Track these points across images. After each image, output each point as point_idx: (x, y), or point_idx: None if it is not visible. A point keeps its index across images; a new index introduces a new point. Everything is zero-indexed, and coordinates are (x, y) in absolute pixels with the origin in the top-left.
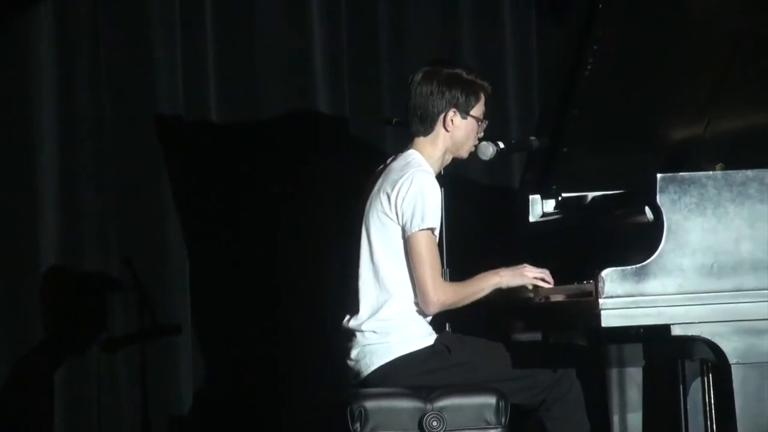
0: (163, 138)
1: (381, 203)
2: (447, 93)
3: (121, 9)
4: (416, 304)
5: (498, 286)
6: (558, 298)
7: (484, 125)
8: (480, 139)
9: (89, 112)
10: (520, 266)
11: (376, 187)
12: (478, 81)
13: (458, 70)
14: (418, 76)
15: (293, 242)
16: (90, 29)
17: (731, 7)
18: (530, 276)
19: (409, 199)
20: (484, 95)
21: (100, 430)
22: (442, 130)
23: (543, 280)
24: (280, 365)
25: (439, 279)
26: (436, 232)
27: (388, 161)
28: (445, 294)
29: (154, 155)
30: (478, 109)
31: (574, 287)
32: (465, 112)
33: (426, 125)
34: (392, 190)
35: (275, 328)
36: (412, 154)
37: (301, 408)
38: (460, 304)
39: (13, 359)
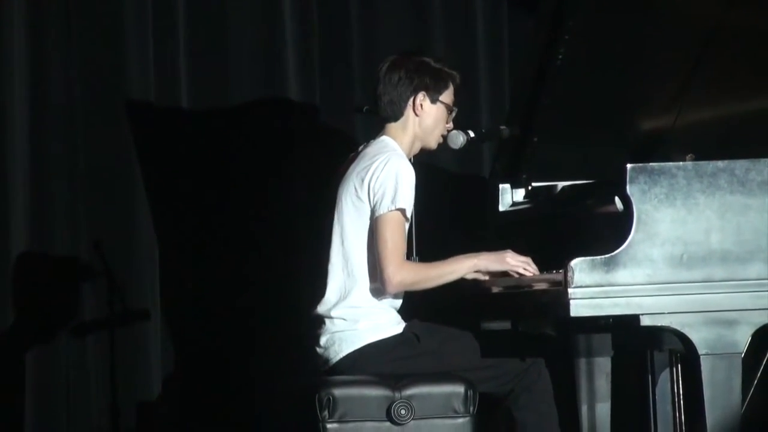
0: (133, 124)
1: (354, 187)
2: (416, 78)
3: None
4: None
5: (475, 268)
6: (533, 286)
7: (453, 115)
8: (450, 129)
9: (60, 99)
10: (502, 252)
11: (348, 172)
12: (446, 69)
13: (426, 59)
14: (386, 66)
15: (264, 229)
16: (61, 17)
17: None
18: (512, 263)
19: (382, 180)
20: (453, 84)
21: (69, 415)
22: (412, 114)
23: (526, 268)
24: (248, 352)
25: (399, 257)
26: (408, 215)
27: (360, 148)
28: (402, 273)
29: (124, 141)
30: (447, 96)
31: (543, 276)
32: (434, 97)
33: (396, 110)
34: (366, 173)
35: (244, 314)
36: (385, 140)
37: (269, 395)
38: (424, 285)
39: None
